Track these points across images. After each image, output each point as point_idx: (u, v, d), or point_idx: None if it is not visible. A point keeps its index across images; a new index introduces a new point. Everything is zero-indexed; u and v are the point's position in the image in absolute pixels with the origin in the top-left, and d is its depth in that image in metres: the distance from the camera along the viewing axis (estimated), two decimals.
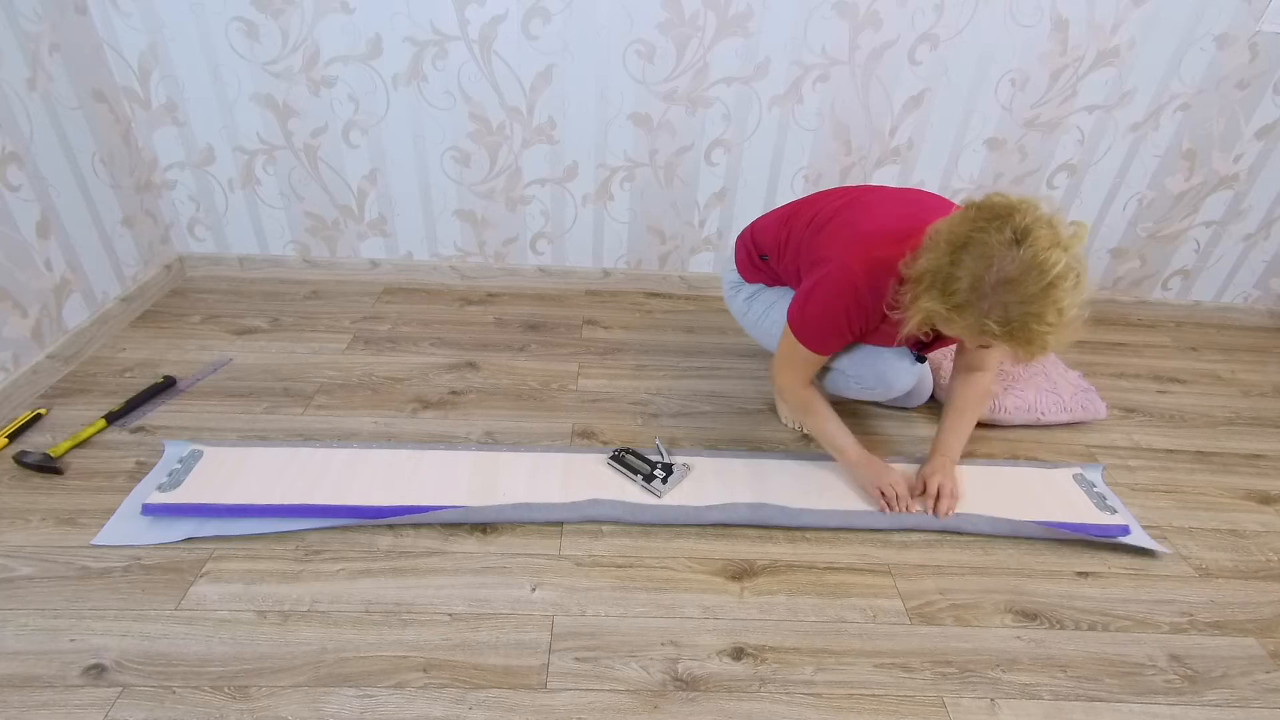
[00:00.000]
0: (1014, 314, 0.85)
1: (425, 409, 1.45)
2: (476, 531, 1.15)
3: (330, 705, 0.88)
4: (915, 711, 0.92)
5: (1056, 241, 0.84)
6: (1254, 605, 1.12)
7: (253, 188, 1.79)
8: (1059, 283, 0.83)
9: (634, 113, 1.71)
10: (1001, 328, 0.86)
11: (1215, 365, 1.85)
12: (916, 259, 0.94)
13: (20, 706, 0.85)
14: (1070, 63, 1.66)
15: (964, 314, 0.88)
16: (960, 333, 0.92)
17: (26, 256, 1.38)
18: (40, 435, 1.29)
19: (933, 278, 0.91)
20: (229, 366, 1.54)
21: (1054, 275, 0.83)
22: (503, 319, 1.83)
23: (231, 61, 1.60)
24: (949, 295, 0.89)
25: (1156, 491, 1.36)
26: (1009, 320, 0.85)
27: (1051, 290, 0.83)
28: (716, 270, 2.00)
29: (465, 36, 1.59)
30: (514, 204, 1.85)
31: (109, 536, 1.09)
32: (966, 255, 0.87)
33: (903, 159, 1.80)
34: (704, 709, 0.91)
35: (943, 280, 0.89)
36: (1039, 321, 0.84)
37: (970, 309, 0.88)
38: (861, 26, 1.60)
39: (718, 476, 1.28)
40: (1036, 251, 0.83)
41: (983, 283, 0.86)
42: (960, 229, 0.89)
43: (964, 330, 0.91)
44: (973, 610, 1.08)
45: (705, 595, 1.07)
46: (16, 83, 1.33)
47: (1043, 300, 0.84)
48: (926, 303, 0.92)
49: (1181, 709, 0.95)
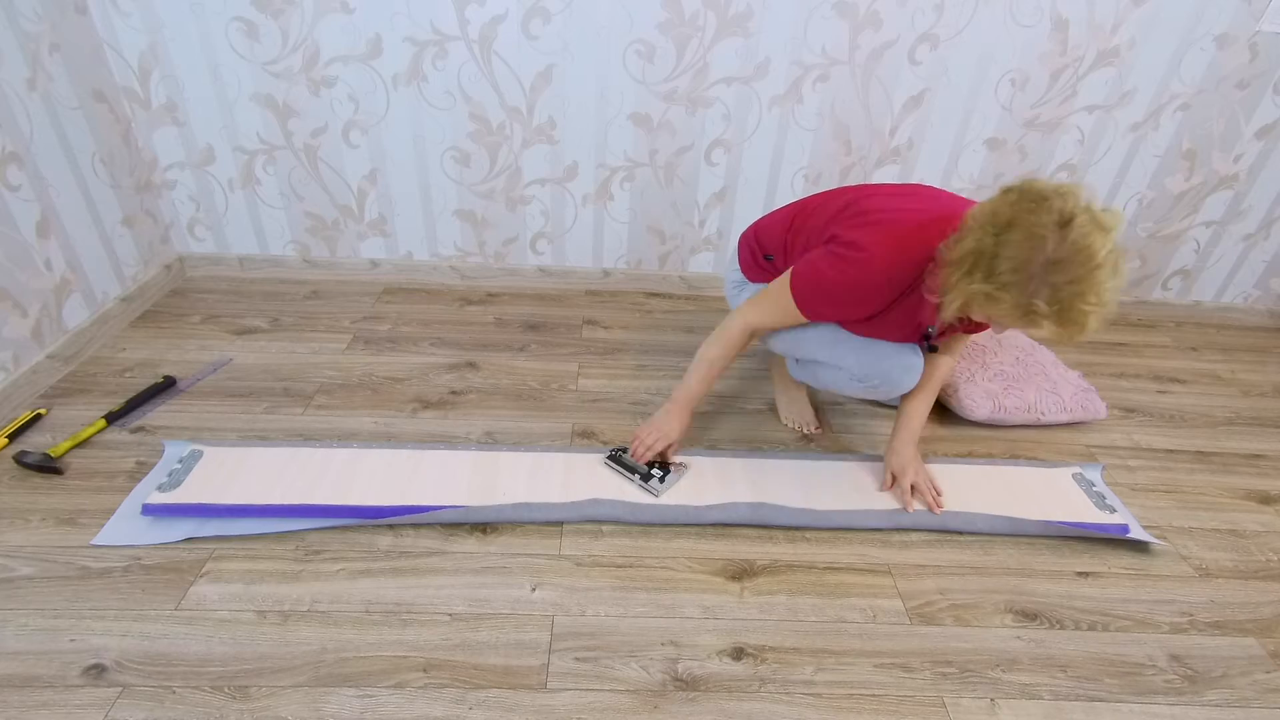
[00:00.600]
0: (1063, 295, 0.87)
1: (425, 409, 1.45)
2: (476, 531, 1.15)
3: (330, 705, 0.88)
4: (915, 711, 0.92)
5: (1100, 225, 0.87)
6: (1254, 605, 1.12)
7: (253, 188, 1.79)
8: (1104, 268, 0.86)
9: (634, 113, 1.71)
10: (1050, 307, 0.88)
11: (1215, 365, 1.85)
12: (959, 241, 0.95)
13: (20, 706, 0.85)
14: (1070, 63, 1.66)
15: (1011, 293, 0.90)
16: (1005, 313, 0.93)
17: (26, 256, 1.38)
18: (40, 435, 1.29)
19: (976, 259, 0.92)
20: (229, 366, 1.54)
21: (1100, 261, 0.86)
22: (503, 319, 1.83)
23: (231, 61, 1.60)
24: (994, 276, 0.90)
25: (1156, 491, 1.36)
26: (1058, 300, 0.88)
27: (1098, 272, 0.86)
28: (716, 270, 2.00)
29: (465, 36, 1.59)
30: (514, 204, 1.85)
31: (109, 536, 1.09)
32: (1013, 236, 0.89)
33: (903, 159, 1.80)
34: (704, 709, 0.91)
35: (988, 261, 0.91)
36: (1084, 302, 0.87)
37: (1017, 289, 0.89)
38: (861, 26, 1.60)
39: (718, 476, 1.28)
40: (1084, 234, 0.86)
41: (1031, 263, 0.87)
42: (1004, 211, 0.91)
43: (1009, 310, 0.92)
44: (973, 610, 1.08)
45: (705, 595, 1.07)
46: (16, 83, 1.33)
47: (1088, 282, 0.86)
48: (970, 285, 0.92)
49: (1181, 709, 0.95)
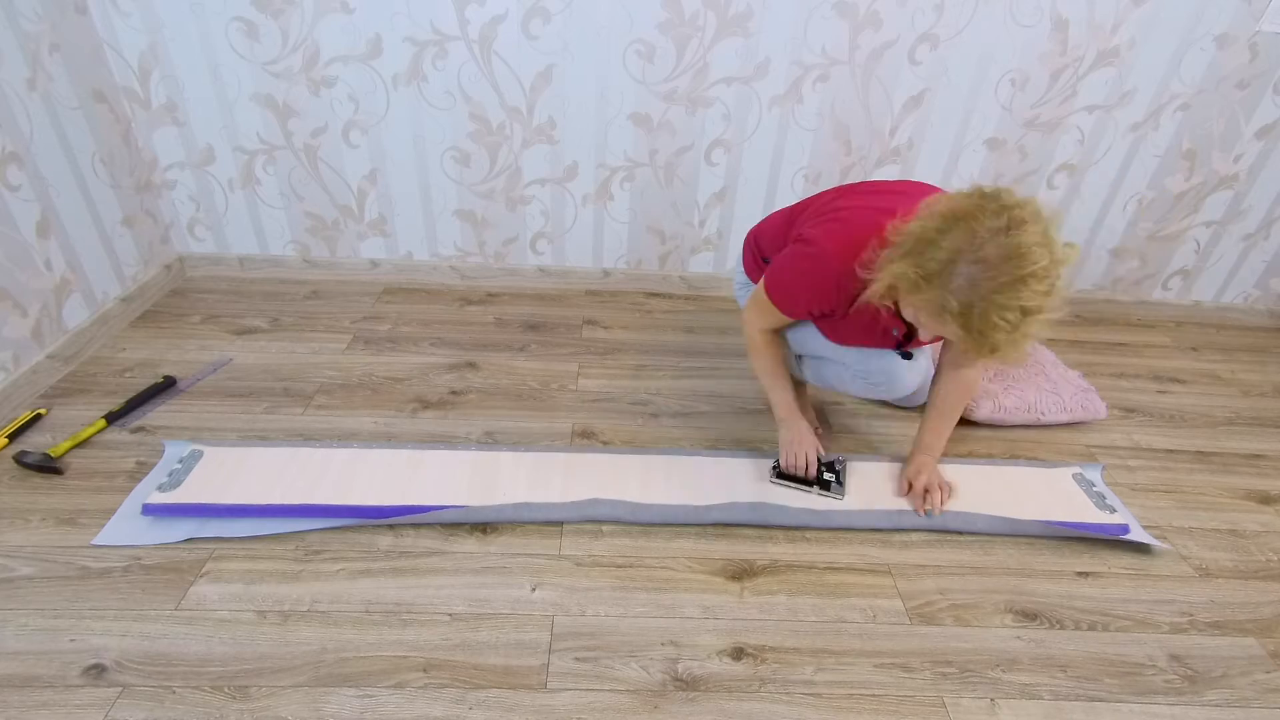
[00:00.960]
0: (978, 296, 0.83)
1: (425, 409, 1.45)
2: (476, 531, 1.15)
3: (330, 705, 0.88)
4: (915, 711, 0.92)
5: (1045, 242, 0.83)
6: (1254, 605, 1.12)
7: (253, 188, 1.79)
8: (1032, 280, 0.82)
9: (634, 113, 1.71)
10: (961, 308, 0.84)
11: (1215, 365, 1.85)
12: (906, 224, 0.92)
13: (20, 706, 0.85)
14: (1070, 63, 1.66)
15: (930, 284, 0.86)
16: (920, 305, 0.90)
17: (26, 256, 1.38)
18: (40, 435, 1.29)
19: (915, 242, 0.89)
20: (229, 366, 1.54)
21: (1031, 269, 0.81)
22: (503, 319, 1.83)
23: (231, 61, 1.60)
24: (923, 262, 0.87)
25: (1156, 491, 1.36)
26: (971, 303, 0.84)
27: (1023, 284, 0.81)
28: (716, 270, 2.00)
29: (465, 36, 1.59)
30: (514, 204, 1.85)
31: (109, 536, 1.09)
32: (955, 228, 0.86)
33: (903, 159, 1.80)
34: (704, 709, 0.91)
35: (923, 246, 0.87)
36: (999, 312, 0.82)
37: (937, 280, 0.86)
38: (861, 26, 1.60)
39: (718, 476, 1.28)
40: (1022, 241, 0.82)
41: (960, 256, 0.84)
42: (958, 204, 0.88)
43: (924, 303, 0.89)
44: (973, 610, 1.08)
45: (705, 595, 1.07)
46: (16, 83, 1.33)
47: (1010, 291, 0.82)
48: (898, 266, 0.89)
49: (1181, 709, 0.95)
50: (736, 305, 1.98)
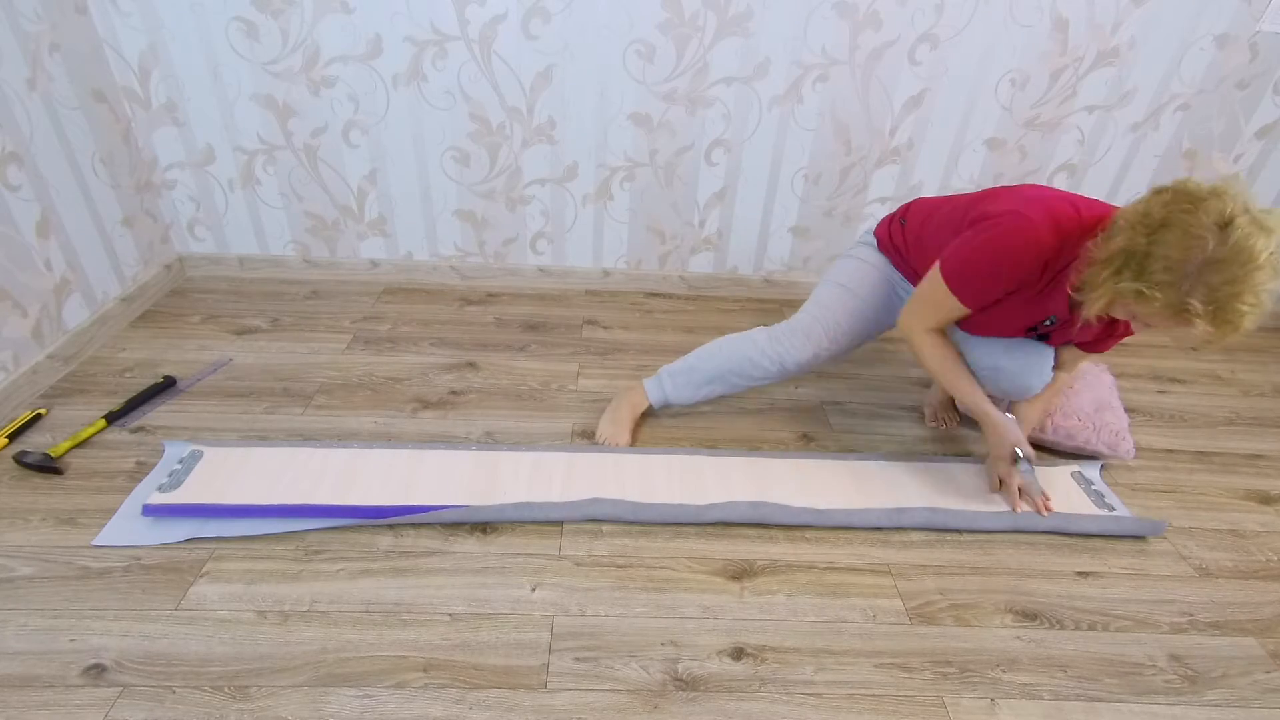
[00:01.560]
0: (1220, 295, 0.88)
1: (425, 409, 1.45)
2: (476, 531, 1.15)
3: (330, 705, 0.88)
4: (915, 711, 0.92)
5: (1262, 227, 0.87)
6: (1254, 605, 1.12)
7: (253, 188, 1.79)
8: (1265, 267, 0.87)
9: (634, 113, 1.71)
10: (1206, 307, 0.89)
11: (1215, 365, 1.85)
12: (1108, 240, 0.96)
13: (20, 706, 0.85)
14: (1070, 63, 1.66)
15: (1164, 292, 0.90)
16: (1156, 312, 0.94)
17: (26, 256, 1.38)
18: (40, 435, 1.29)
19: (1127, 257, 0.93)
20: (229, 366, 1.54)
21: (1261, 260, 0.86)
22: (503, 319, 1.83)
23: (231, 61, 1.60)
24: (1147, 275, 0.91)
25: (1156, 491, 1.36)
26: (1214, 300, 0.88)
27: (1257, 274, 0.87)
28: (716, 270, 2.00)
29: (465, 36, 1.59)
30: (514, 204, 1.85)
31: (109, 536, 1.09)
32: (1168, 236, 0.90)
33: (903, 159, 1.80)
34: (704, 709, 0.91)
35: (1139, 260, 0.92)
36: (1242, 302, 0.88)
37: (1171, 288, 0.90)
38: (861, 26, 1.60)
39: (718, 476, 1.28)
40: (1246, 235, 0.86)
41: (1187, 263, 0.88)
42: (1157, 212, 0.92)
43: (1161, 309, 0.92)
44: (973, 610, 1.08)
45: (705, 595, 1.07)
46: (16, 83, 1.33)
47: (1247, 282, 0.87)
48: (1119, 283, 0.94)
49: (1181, 709, 0.95)
50: (736, 305, 1.99)
